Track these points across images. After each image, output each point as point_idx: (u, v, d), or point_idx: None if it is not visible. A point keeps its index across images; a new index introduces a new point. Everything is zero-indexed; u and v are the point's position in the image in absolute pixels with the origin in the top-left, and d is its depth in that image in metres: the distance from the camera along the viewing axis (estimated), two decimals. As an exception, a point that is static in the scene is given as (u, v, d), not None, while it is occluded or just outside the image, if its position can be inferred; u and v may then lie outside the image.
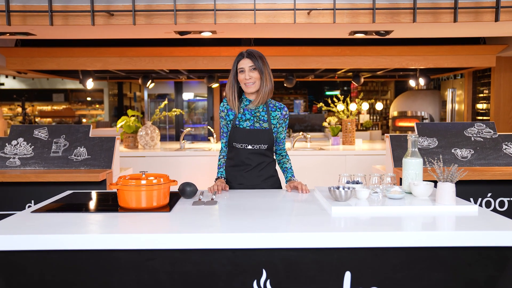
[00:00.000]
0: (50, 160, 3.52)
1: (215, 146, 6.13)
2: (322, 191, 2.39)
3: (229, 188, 2.63)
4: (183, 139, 5.97)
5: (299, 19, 3.55)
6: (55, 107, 13.69)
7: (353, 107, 6.58)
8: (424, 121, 8.24)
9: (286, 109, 2.71)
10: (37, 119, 12.92)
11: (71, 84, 13.12)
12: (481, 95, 6.87)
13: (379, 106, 9.22)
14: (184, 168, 5.37)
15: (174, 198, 2.31)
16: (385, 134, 3.80)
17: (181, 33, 4.05)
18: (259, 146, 2.60)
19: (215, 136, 6.58)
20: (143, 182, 2.04)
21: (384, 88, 13.39)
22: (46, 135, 3.63)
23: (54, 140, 3.62)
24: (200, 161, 5.42)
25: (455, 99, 7.61)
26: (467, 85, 7.14)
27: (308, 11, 3.51)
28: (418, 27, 3.86)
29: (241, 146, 2.61)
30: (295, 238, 1.66)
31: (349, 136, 6.24)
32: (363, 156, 5.46)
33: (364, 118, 10.04)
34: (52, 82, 13.09)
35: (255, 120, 2.63)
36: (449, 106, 7.71)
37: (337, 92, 15.88)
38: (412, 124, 8.39)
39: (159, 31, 4.00)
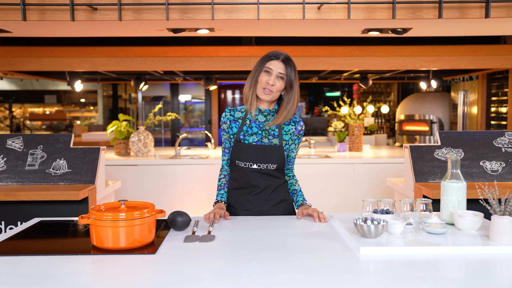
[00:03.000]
0: (25, 175, 3.09)
1: (213, 153, 5.71)
2: (342, 220, 1.97)
3: (234, 215, 2.21)
4: (178, 145, 5.54)
5: (308, 15, 3.13)
6: (47, 109, 13.24)
7: (358, 110, 6.17)
8: (433, 125, 7.83)
9: (302, 123, 2.28)
10: (26, 122, 12.47)
11: (64, 85, 12.65)
12: (495, 98, 6.46)
13: (384, 109, 8.79)
14: (179, 178, 4.95)
15: (162, 230, 1.89)
16: (404, 145, 3.39)
17: (174, 30, 3.62)
18: (267, 166, 2.17)
19: (213, 141, 6.16)
20: (122, 215, 1.62)
21: (388, 89, 12.97)
22: (21, 146, 3.20)
23: (30, 151, 3.19)
24: (197, 169, 4.99)
25: (467, 102, 7.19)
26: (481, 87, 6.72)
27: (319, 5, 3.08)
28: (441, 24, 3.45)
29: (245, 165, 2.17)
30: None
31: (356, 142, 5.83)
32: (373, 165, 5.04)
33: (369, 121, 9.62)
34: (43, 83, 12.63)
35: (264, 134, 2.19)
36: (460, 110, 7.29)
37: (338, 94, 15.48)
38: (421, 128, 7.98)
39: (150, 29, 3.58)
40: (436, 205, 2.43)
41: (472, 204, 2.20)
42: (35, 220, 2.07)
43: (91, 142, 7.84)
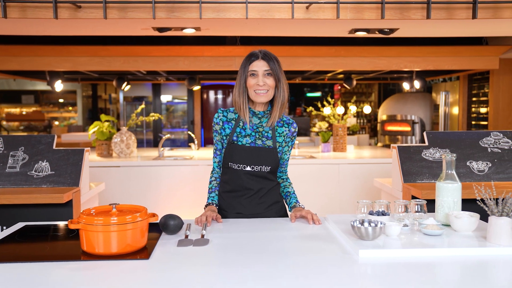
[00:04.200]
0: (6, 177, 2.99)
1: (196, 154, 5.65)
2: (337, 222, 1.95)
3: (225, 218, 2.16)
4: (161, 146, 5.46)
5: (297, 15, 3.11)
6: (24, 109, 12.94)
7: (339, 110, 6.18)
8: (415, 125, 7.90)
9: (295, 125, 2.24)
10: (3, 123, 12.17)
11: (42, 85, 12.39)
12: (475, 98, 6.55)
13: (367, 109, 8.85)
14: (164, 179, 4.87)
15: (154, 233, 1.83)
16: (392, 145, 3.39)
17: (160, 29, 3.56)
18: (260, 168, 2.12)
19: (196, 142, 6.09)
20: (114, 219, 1.56)
21: (369, 90, 13.06)
22: (1, 147, 3.10)
23: (11, 153, 3.08)
24: (181, 171, 4.93)
25: (449, 103, 7.28)
26: (462, 88, 6.81)
27: (307, 4, 3.06)
28: (427, 24, 3.46)
29: (238, 167, 2.13)
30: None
31: (340, 142, 5.84)
32: (357, 165, 5.05)
33: (351, 121, 9.67)
34: (21, 82, 12.33)
35: (257, 136, 2.15)
36: (442, 110, 7.37)
37: (319, 94, 15.53)
38: (403, 128, 8.05)
39: (135, 27, 3.51)
40: (427, 205, 2.43)
41: (465, 204, 2.20)
42: (20, 225, 1.99)
43: (71, 143, 7.68)
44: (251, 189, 2.13)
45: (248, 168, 2.11)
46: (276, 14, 3.09)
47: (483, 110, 6.34)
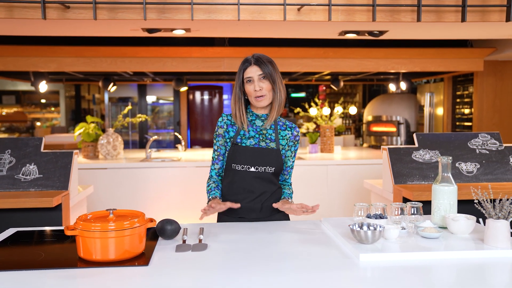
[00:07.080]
0: (-8, 181, 2.92)
1: (184, 155, 5.61)
2: (334, 226, 1.95)
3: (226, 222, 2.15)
4: (148, 148, 5.41)
5: (288, 16, 3.10)
6: (5, 110, 12.70)
7: (325, 111, 6.21)
8: (400, 126, 7.97)
9: (297, 129, 2.25)
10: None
11: (23, 86, 12.17)
12: (459, 100, 6.64)
13: (353, 110, 8.91)
14: (152, 181, 4.82)
15: (150, 239, 1.81)
16: (382, 147, 3.41)
17: (149, 30, 3.52)
18: (265, 169, 2.12)
19: (183, 143, 6.05)
20: (112, 225, 1.53)
21: (353, 90, 13.15)
22: (-12, 151, 3.03)
23: (-2, 156, 3.02)
24: (169, 172, 4.88)
25: (433, 104, 7.37)
26: (447, 89, 6.90)
27: (299, 6, 3.06)
28: (417, 27, 3.50)
29: (242, 168, 2.12)
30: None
31: (327, 144, 5.86)
32: (345, 166, 5.07)
33: (337, 122, 9.72)
34: (1, 82, 12.09)
35: (261, 138, 2.15)
36: (427, 111, 7.46)
37: (303, 95, 15.57)
38: (388, 129, 8.11)
39: (125, 28, 3.46)
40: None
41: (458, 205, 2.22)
42: (12, 231, 1.95)
43: (56, 145, 7.56)
44: (253, 192, 2.13)
45: (252, 169, 2.11)
46: (268, 16, 3.08)
47: (467, 111, 6.43)
